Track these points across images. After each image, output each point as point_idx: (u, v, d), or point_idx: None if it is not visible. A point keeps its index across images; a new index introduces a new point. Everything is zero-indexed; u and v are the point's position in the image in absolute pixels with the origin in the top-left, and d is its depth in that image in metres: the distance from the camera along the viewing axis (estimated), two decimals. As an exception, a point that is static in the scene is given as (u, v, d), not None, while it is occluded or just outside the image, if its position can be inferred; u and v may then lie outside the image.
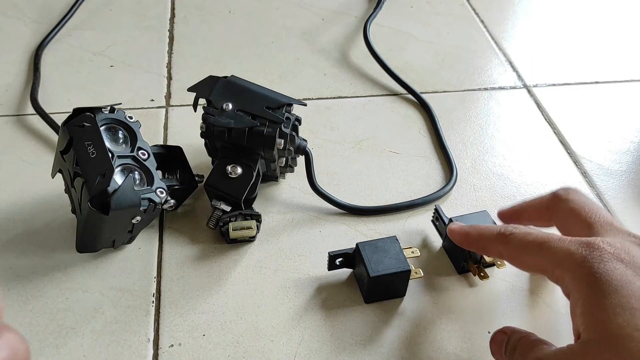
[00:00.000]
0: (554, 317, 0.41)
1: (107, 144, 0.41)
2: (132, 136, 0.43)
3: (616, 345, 0.28)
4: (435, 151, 0.54)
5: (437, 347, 0.39)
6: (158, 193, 0.41)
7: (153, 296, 0.42)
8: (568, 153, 0.55)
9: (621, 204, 0.50)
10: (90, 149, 0.39)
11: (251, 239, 0.45)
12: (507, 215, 0.43)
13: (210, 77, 0.46)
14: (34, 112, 0.55)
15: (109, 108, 0.43)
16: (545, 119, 0.58)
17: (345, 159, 0.53)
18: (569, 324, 0.41)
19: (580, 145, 0.55)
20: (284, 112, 0.44)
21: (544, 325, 0.41)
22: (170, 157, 0.47)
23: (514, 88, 0.62)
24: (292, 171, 0.50)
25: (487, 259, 0.42)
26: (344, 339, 0.40)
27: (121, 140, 0.43)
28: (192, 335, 0.39)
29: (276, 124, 0.43)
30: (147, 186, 0.41)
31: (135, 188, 0.40)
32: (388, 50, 0.66)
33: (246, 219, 0.44)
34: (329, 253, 0.42)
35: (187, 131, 0.54)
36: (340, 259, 0.42)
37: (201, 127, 0.44)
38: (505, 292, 0.43)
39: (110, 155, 0.40)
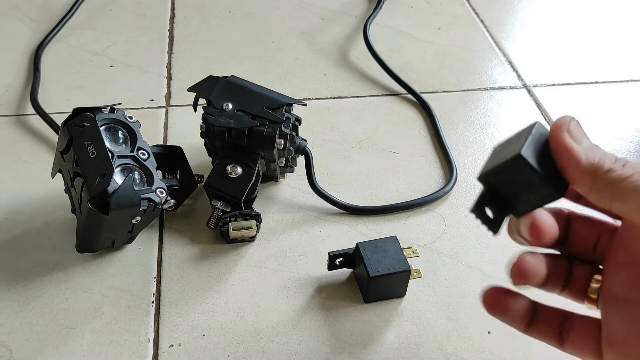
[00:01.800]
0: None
1: (107, 144, 0.41)
2: (132, 136, 0.43)
3: None
4: (435, 151, 0.54)
5: (437, 347, 0.39)
6: (158, 193, 0.41)
7: (153, 296, 0.42)
8: (568, 153, 0.55)
9: (621, 204, 0.50)
10: (90, 149, 0.39)
11: (251, 239, 0.45)
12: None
13: (210, 77, 0.46)
14: (34, 112, 0.55)
15: (108, 108, 0.43)
16: (545, 119, 0.58)
17: (345, 159, 0.53)
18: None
19: (580, 145, 0.55)
20: (284, 112, 0.44)
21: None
22: (170, 157, 0.47)
23: (514, 88, 0.62)
24: (292, 171, 0.50)
25: None
26: (344, 339, 0.40)
27: (121, 140, 0.43)
28: (192, 335, 0.39)
29: (276, 124, 0.43)
30: (147, 186, 0.41)
31: (135, 188, 0.40)
32: (388, 50, 0.66)
33: (246, 219, 0.44)
34: (329, 253, 0.42)
35: (187, 131, 0.54)
36: (340, 259, 0.42)
37: (201, 127, 0.44)
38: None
39: (110, 155, 0.40)
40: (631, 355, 0.28)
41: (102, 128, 0.41)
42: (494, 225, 0.29)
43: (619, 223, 0.29)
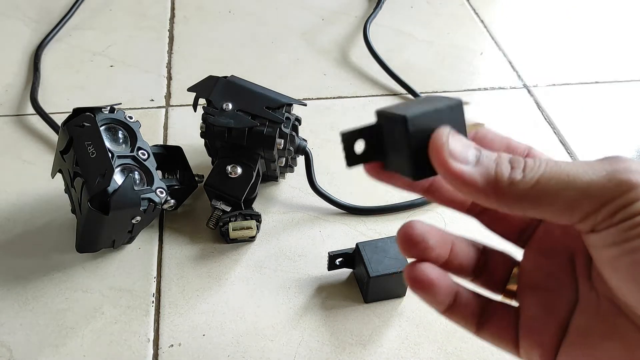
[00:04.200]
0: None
1: (107, 144, 0.41)
2: (132, 136, 0.43)
3: None
4: (435, 151, 0.54)
5: (437, 347, 0.39)
6: (158, 193, 0.41)
7: (153, 296, 0.42)
8: (568, 153, 0.55)
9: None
10: (90, 149, 0.39)
11: (251, 239, 0.45)
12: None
13: (210, 77, 0.46)
14: (34, 112, 0.55)
15: (109, 108, 0.43)
16: (545, 119, 0.58)
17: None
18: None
19: (580, 145, 0.55)
20: (283, 112, 0.44)
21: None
22: (170, 157, 0.47)
23: (514, 88, 0.62)
24: (292, 171, 0.50)
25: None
26: (344, 339, 0.40)
27: (121, 140, 0.43)
28: (192, 335, 0.39)
29: (276, 124, 0.43)
30: (147, 186, 0.41)
31: (135, 188, 0.40)
32: (388, 50, 0.66)
33: (246, 219, 0.44)
34: (329, 253, 0.42)
35: (187, 131, 0.54)
36: (340, 259, 0.42)
37: (201, 127, 0.44)
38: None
39: (110, 155, 0.40)
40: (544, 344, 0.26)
41: (102, 128, 0.41)
42: (352, 159, 0.27)
43: None
